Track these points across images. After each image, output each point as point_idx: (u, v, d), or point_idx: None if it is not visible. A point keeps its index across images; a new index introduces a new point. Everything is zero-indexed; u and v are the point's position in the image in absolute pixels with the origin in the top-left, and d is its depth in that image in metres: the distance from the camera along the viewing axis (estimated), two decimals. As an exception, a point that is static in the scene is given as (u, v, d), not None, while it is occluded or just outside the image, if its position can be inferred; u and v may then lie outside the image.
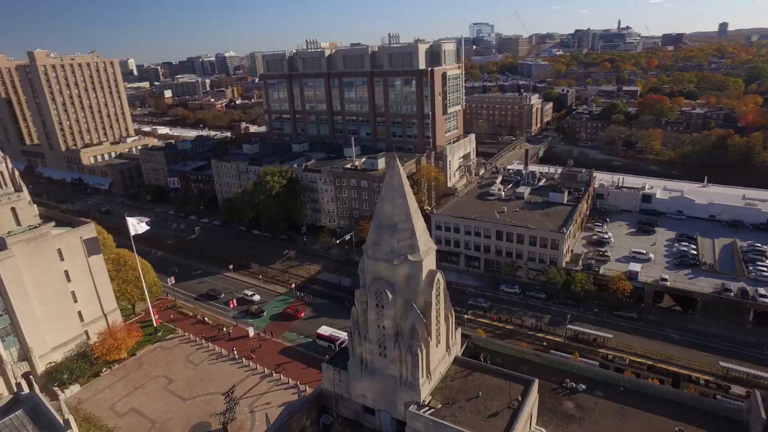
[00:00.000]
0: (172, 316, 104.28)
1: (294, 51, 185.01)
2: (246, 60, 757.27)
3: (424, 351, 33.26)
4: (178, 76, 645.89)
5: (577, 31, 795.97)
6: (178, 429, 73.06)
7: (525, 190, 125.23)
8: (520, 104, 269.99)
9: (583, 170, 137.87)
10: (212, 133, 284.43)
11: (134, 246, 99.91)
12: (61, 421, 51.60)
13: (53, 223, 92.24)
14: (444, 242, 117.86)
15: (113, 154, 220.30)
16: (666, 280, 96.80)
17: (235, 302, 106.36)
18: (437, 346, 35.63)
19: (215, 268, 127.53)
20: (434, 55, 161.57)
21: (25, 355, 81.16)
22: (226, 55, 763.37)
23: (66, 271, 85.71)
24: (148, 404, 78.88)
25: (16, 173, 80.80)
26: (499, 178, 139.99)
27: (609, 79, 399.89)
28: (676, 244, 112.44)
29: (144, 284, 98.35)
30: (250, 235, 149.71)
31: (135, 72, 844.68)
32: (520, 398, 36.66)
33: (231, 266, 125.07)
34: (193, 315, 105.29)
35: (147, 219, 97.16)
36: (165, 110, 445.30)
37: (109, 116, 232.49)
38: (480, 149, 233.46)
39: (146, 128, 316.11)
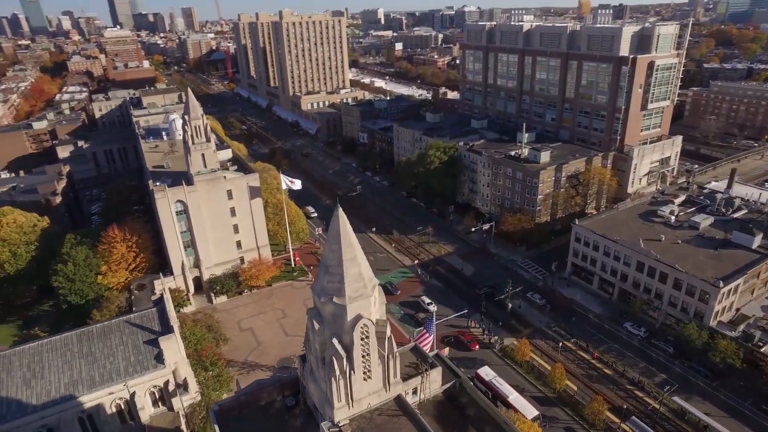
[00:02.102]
0: (311, 262, 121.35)
1: (493, 24, 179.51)
2: (484, 16, 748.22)
3: (341, 381, 35.97)
4: (416, 28, 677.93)
5: None
6: (271, 356, 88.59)
7: (704, 220, 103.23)
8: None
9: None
10: (418, 92, 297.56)
11: (287, 196, 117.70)
12: (174, 325, 68.95)
13: (235, 167, 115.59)
14: (581, 257, 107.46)
15: (327, 103, 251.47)
16: None
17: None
18: (365, 380, 37.66)
19: (363, 226, 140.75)
20: (643, 39, 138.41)
21: (197, 264, 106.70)
22: (466, 9, 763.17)
23: (232, 208, 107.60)
24: (262, 329, 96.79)
25: (209, 127, 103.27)
26: (682, 197, 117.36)
27: None
28: None
29: (288, 231, 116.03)
30: (407, 202, 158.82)
31: (382, 21, 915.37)
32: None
33: (374, 228, 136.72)
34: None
35: (298, 181, 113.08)
36: (393, 62, 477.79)
37: (330, 68, 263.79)
38: (703, 152, 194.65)
39: (366, 80, 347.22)
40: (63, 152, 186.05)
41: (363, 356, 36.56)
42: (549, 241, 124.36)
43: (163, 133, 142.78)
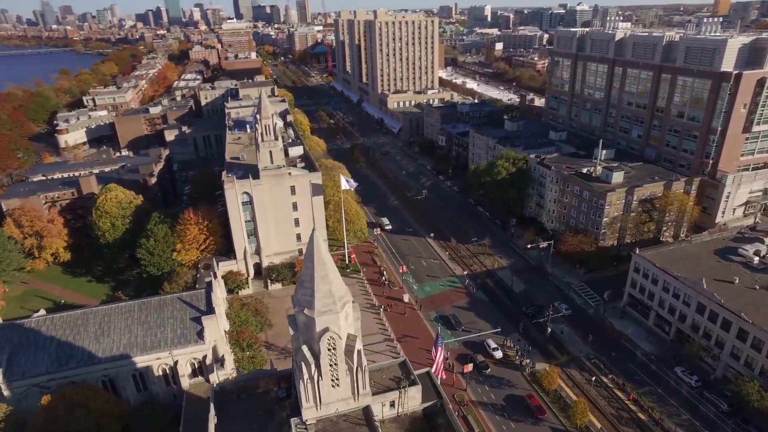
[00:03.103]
0: (365, 261, 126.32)
1: (585, 31, 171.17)
2: (597, 16, 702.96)
3: (309, 384, 39.64)
4: (521, 27, 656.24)
5: None
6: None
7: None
8: None
9: None
10: (508, 97, 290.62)
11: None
12: (217, 307, 77.27)
13: (303, 164, 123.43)
14: (638, 288, 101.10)
15: (413, 103, 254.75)
16: None
17: (404, 268, 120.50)
18: (334, 387, 40.91)
19: (423, 230, 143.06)
20: (754, 52, 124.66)
21: (258, 252, 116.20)
22: (578, 8, 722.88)
23: (294, 203, 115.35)
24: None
25: (278, 126, 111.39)
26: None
27: None
28: None
29: (345, 228, 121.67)
30: (472, 210, 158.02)
31: (489, 18, 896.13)
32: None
33: (432, 234, 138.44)
34: (379, 264, 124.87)
35: (355, 183, 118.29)
36: (492, 62, 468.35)
37: (420, 68, 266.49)
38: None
39: (458, 80, 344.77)
40: (169, 135, 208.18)
41: (331, 365, 39.90)
42: (611, 266, 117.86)
43: (248, 126, 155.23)
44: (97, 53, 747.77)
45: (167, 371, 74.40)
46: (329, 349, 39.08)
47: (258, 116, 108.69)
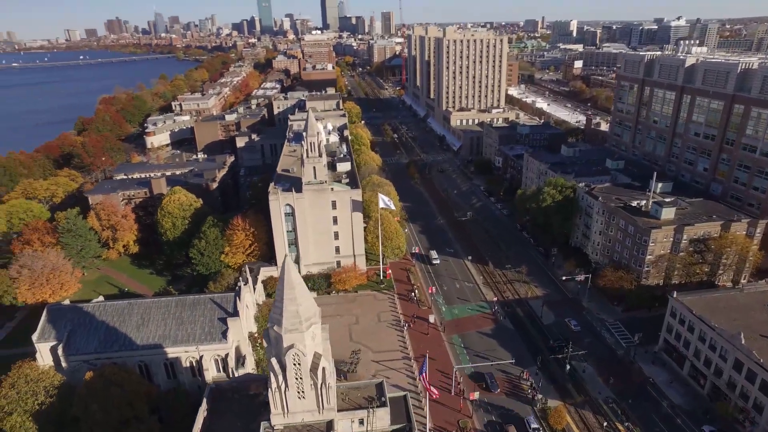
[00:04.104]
0: (400, 278, 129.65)
1: (654, 55, 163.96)
2: (695, 32, 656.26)
3: (277, 393, 44.14)
4: (607, 44, 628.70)
5: None
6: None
7: None
8: None
9: None
10: (576, 119, 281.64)
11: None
12: (245, 311, 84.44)
13: (347, 180, 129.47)
14: (674, 334, 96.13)
15: (476, 121, 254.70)
16: None
17: (433, 288, 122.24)
18: (300, 398, 45.05)
19: (463, 252, 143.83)
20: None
21: (297, 260, 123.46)
22: (672, 24, 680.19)
23: (335, 217, 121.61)
24: (333, 329, 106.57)
25: (322, 145, 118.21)
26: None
27: None
28: None
29: (382, 245, 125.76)
30: (517, 235, 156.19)
31: (574, 33, 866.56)
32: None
33: (470, 257, 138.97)
34: (413, 282, 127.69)
35: (393, 205, 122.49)
36: (569, 80, 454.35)
37: (486, 86, 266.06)
38: None
39: (529, 99, 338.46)
40: (240, 142, 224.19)
41: (296, 378, 44.14)
42: (652, 307, 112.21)
43: (321, 134, 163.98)
44: (194, 60, 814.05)
45: (194, 364, 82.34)
46: (295, 364, 43.34)
47: (305, 133, 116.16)
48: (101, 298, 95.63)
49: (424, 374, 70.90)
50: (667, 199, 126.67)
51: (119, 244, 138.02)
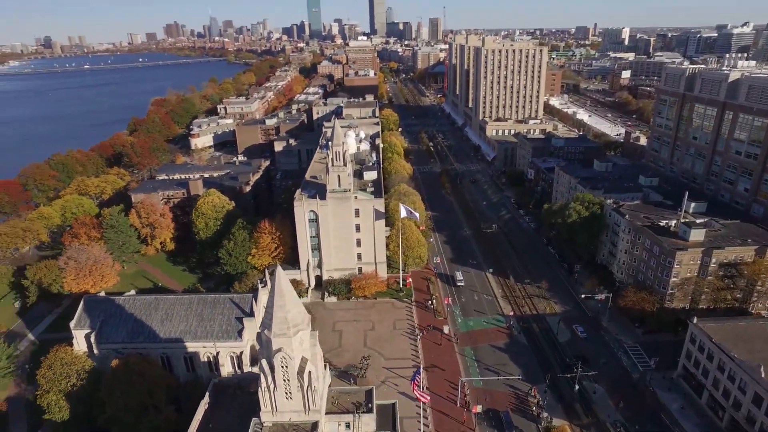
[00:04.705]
0: (421, 287, 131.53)
1: (696, 69, 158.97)
2: (761, 39, 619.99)
3: (266, 392, 47.56)
4: (659, 53, 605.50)
5: None
6: (344, 359, 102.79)
7: None
8: None
9: None
10: (616, 132, 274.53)
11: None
12: (260, 311, 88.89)
13: (372, 189, 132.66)
14: (693, 361, 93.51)
15: (512, 131, 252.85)
16: None
17: (449, 299, 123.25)
18: (287, 399, 48.26)
19: (486, 264, 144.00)
20: None
21: (319, 265, 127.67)
22: (735, 31, 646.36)
23: (357, 225, 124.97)
24: (349, 334, 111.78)
25: (347, 154, 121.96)
26: None
27: None
28: None
29: (403, 254, 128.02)
30: (542, 249, 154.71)
31: (626, 41, 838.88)
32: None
33: (491, 269, 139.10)
34: (432, 292, 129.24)
35: (417, 214, 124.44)
36: (615, 91, 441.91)
37: (524, 97, 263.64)
38: None
39: (570, 110, 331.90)
40: (278, 146, 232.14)
41: (284, 380, 47.41)
42: (675, 331, 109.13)
43: (347, 144, 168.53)
44: (243, 63, 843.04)
45: (211, 359, 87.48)
46: (282, 367, 46.62)
47: (331, 143, 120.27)
48: (133, 291, 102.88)
49: (416, 381, 72.99)
50: (699, 220, 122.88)
51: (157, 241, 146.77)
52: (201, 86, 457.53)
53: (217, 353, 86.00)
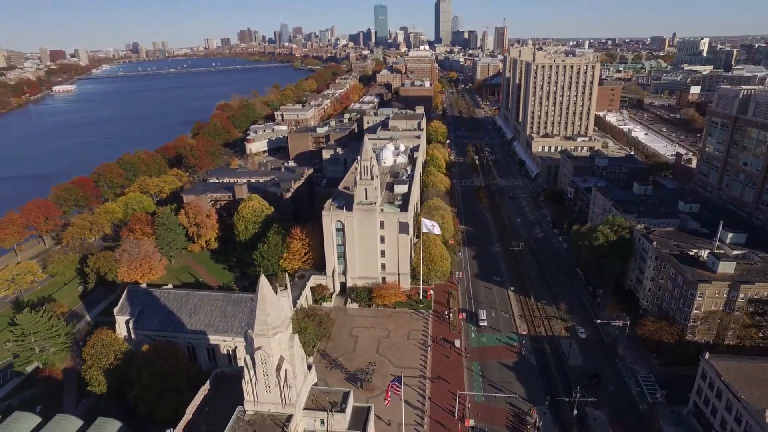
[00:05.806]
0: (441, 299, 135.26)
1: (750, 90, 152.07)
2: None
3: (249, 384, 54.42)
4: (739, 66, 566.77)
5: None
6: (355, 363, 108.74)
7: None
8: None
9: None
10: (671, 152, 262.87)
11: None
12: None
13: (400, 202, 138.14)
14: (703, 398, 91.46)
15: (559, 148, 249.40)
16: None
17: (464, 315, 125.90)
18: (267, 392, 54.75)
19: (509, 282, 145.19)
20: None
21: (344, 272, 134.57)
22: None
23: (382, 236, 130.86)
24: (364, 340, 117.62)
25: (375, 168, 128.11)
26: None
27: None
28: None
29: (424, 267, 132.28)
30: (570, 271, 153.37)
31: (704, 53, 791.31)
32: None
33: (513, 288, 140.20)
34: (451, 305, 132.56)
35: (436, 227, 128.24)
36: (681, 107, 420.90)
37: (573, 113, 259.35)
38: None
39: (626, 127, 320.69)
40: (326, 154, 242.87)
41: (264, 375, 54.07)
42: (694, 365, 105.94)
43: (378, 158, 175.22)
44: (308, 69, 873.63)
45: (230, 352, 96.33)
46: (262, 363, 53.29)
47: (359, 157, 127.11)
48: (170, 285, 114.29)
49: (393, 385, 77.87)
50: (735, 252, 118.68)
51: (202, 239, 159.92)
52: (264, 91, 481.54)
53: (235, 347, 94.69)
